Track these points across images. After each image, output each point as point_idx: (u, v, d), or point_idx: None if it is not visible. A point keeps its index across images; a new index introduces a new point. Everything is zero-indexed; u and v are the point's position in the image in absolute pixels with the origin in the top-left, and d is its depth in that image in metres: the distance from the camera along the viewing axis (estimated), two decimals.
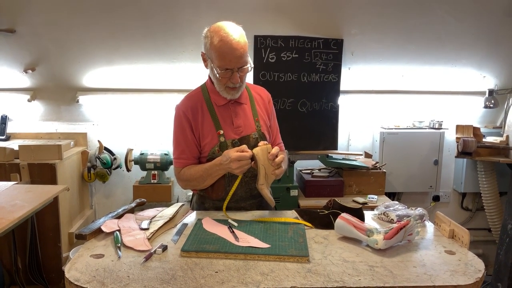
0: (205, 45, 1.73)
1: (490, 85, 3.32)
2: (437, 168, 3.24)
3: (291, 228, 1.64)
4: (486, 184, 3.20)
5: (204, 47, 1.74)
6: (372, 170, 2.99)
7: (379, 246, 1.44)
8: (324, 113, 3.00)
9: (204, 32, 1.74)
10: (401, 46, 3.21)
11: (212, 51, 1.68)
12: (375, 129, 3.30)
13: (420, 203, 3.45)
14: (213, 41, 1.67)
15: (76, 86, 3.15)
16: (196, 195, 1.99)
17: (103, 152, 3.11)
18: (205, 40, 1.73)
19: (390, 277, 1.28)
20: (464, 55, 3.27)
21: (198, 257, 1.41)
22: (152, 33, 3.05)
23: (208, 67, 1.79)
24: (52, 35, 3.03)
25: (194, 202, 2.02)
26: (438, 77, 3.31)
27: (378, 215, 1.82)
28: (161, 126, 3.22)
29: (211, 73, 1.80)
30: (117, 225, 1.65)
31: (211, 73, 1.79)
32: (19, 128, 3.18)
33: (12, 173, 2.60)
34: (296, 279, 1.26)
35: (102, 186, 3.29)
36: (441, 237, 1.60)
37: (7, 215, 1.70)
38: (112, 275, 1.28)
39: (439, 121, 3.25)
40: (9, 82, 3.11)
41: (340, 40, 2.97)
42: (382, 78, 3.28)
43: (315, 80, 2.96)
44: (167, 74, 3.15)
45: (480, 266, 1.35)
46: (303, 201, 2.86)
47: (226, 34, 1.66)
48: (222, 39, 1.65)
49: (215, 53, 1.68)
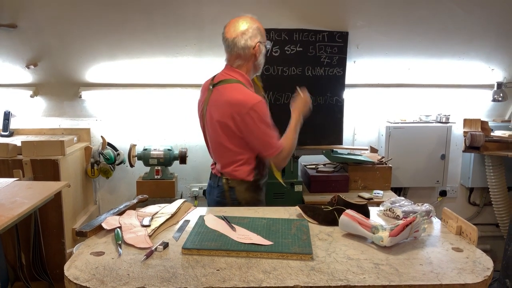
0: (260, 32, 1.99)
1: (499, 78, 3.26)
2: (444, 162, 3.19)
3: (295, 225, 1.62)
4: (494, 179, 3.15)
5: (259, 34, 1.99)
6: (378, 165, 2.95)
7: (385, 243, 1.41)
8: (329, 108, 2.96)
9: (252, 26, 1.96)
10: (408, 38, 3.15)
11: (263, 32, 2.01)
12: (381, 123, 3.25)
13: (426, 198, 3.41)
14: (260, 24, 2.02)
15: (79, 81, 3.13)
16: (246, 183, 2.03)
17: (106, 147, 3.09)
18: (257, 29, 1.98)
19: (396, 275, 1.24)
20: (472, 47, 3.21)
21: (200, 255, 1.39)
22: (154, 27, 3.02)
23: (260, 54, 2.01)
24: (54, 30, 3.01)
25: (236, 193, 2.03)
26: (446, 70, 3.26)
27: (384, 211, 1.79)
28: (164, 121, 3.20)
29: (259, 58, 2.03)
30: (118, 222, 1.63)
31: (260, 58, 2.03)
32: (22, 124, 3.17)
33: (15, 169, 2.58)
34: (299, 277, 1.24)
35: (106, 182, 3.28)
36: (448, 234, 1.57)
37: (6, 212, 1.69)
38: (112, 273, 1.26)
39: (446, 115, 3.20)
40: (12, 77, 3.10)
41: (345, 33, 2.92)
42: (388, 71, 3.23)
43: (320, 74, 2.92)
44: (170, 69, 3.12)
45: (489, 264, 1.32)
46: (308, 196, 2.83)
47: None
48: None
49: (264, 32, 2.02)
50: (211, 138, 2.07)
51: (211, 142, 2.09)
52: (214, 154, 2.11)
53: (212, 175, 2.16)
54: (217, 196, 2.08)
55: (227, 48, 2.01)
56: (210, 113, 2.01)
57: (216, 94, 1.99)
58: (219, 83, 2.00)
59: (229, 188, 2.03)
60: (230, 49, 1.99)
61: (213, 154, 2.12)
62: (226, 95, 1.94)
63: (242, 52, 1.96)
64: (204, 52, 3.08)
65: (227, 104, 1.92)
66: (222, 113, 1.93)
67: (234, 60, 2.00)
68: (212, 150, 2.12)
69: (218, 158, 2.08)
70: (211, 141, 2.08)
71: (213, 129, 2.01)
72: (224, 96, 1.95)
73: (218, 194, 2.07)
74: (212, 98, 2.00)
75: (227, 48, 2.01)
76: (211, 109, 2.00)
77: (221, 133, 1.96)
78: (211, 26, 3.01)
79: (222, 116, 1.93)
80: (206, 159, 3.23)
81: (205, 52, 3.08)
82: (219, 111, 1.95)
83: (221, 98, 1.95)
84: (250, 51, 1.97)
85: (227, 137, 1.96)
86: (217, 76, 2.06)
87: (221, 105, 1.94)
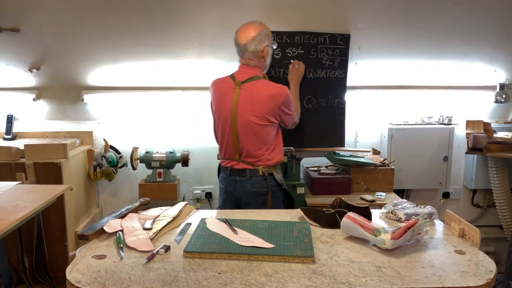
0: (267, 36, 2.30)
1: (501, 79, 3.25)
2: (446, 164, 3.18)
3: (296, 227, 1.61)
4: (497, 181, 3.14)
5: (267, 38, 2.29)
6: (380, 167, 2.94)
7: (387, 246, 1.40)
8: (330, 110, 2.95)
9: (260, 33, 2.25)
10: (409, 40, 3.14)
11: (270, 36, 2.33)
12: (383, 125, 3.24)
13: (429, 200, 3.39)
14: (267, 28, 2.33)
15: (81, 84, 3.14)
16: (279, 166, 2.36)
17: (108, 150, 3.10)
18: (265, 34, 2.28)
19: (398, 278, 1.24)
20: (474, 48, 3.20)
21: (201, 258, 1.39)
22: (156, 30, 3.03)
23: (268, 55, 2.33)
24: (56, 34, 3.02)
25: (275, 177, 2.31)
26: (447, 71, 3.24)
27: (386, 214, 1.78)
28: (166, 124, 3.20)
29: (267, 60, 2.36)
30: (120, 225, 1.63)
31: (268, 59, 2.36)
32: (25, 127, 3.18)
33: (18, 172, 2.60)
34: (300, 280, 1.24)
35: (109, 185, 3.28)
36: (450, 236, 1.56)
37: (8, 216, 1.69)
38: (113, 277, 1.26)
39: (449, 117, 3.19)
40: (14, 81, 3.10)
41: (347, 35, 2.92)
42: (390, 73, 3.22)
43: (321, 76, 2.91)
44: (172, 72, 3.12)
45: (491, 267, 1.31)
46: (310, 199, 2.82)
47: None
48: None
49: (270, 35, 2.35)
50: (243, 132, 2.23)
51: (243, 136, 2.24)
52: (245, 147, 2.26)
53: (235, 170, 2.31)
54: (252, 187, 2.28)
55: (239, 52, 2.30)
56: (243, 109, 2.21)
57: (247, 91, 2.22)
58: (246, 81, 2.24)
59: (268, 175, 2.28)
60: (242, 53, 2.28)
61: (244, 148, 2.26)
62: (260, 90, 2.21)
63: (253, 55, 2.27)
64: (205, 55, 3.08)
65: (266, 98, 2.19)
66: (261, 107, 2.19)
67: (248, 60, 2.29)
68: (243, 144, 2.26)
69: (252, 150, 2.26)
70: (243, 135, 2.24)
71: (247, 123, 2.21)
72: (258, 91, 2.21)
73: (254, 185, 2.28)
74: (243, 95, 2.22)
75: (239, 52, 2.30)
76: (244, 105, 2.21)
77: (260, 125, 2.20)
78: (212, 29, 3.02)
79: (261, 109, 2.19)
80: (208, 161, 3.25)
81: (206, 55, 3.08)
82: (258, 105, 2.19)
83: (256, 94, 2.21)
84: (260, 54, 2.27)
85: (266, 127, 2.22)
86: (237, 76, 2.28)
87: (259, 100, 2.20)
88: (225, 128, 2.28)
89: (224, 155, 2.36)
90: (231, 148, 2.30)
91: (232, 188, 2.34)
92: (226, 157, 2.35)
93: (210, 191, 3.28)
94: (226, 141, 2.31)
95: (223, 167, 2.40)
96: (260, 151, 2.26)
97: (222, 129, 2.31)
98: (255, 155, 2.27)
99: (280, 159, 2.34)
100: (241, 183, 2.30)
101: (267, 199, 2.29)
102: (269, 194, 2.28)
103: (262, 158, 2.27)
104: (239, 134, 2.24)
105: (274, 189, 2.31)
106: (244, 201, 2.32)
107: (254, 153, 2.26)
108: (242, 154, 2.29)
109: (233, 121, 2.24)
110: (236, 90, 2.24)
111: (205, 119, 3.16)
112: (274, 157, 2.30)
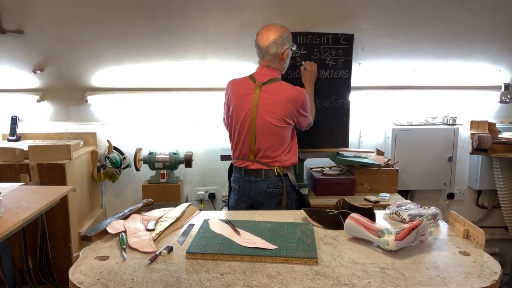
0: (288, 39, 2.32)
1: (506, 79, 3.23)
2: (451, 165, 3.16)
3: (300, 228, 1.61)
4: (503, 181, 3.12)
5: (288, 41, 2.32)
6: (384, 167, 2.93)
7: (390, 247, 1.39)
8: (334, 110, 2.94)
9: (282, 35, 2.28)
10: (413, 40, 3.13)
11: (290, 38, 2.35)
12: (387, 125, 3.23)
13: (434, 201, 3.37)
14: (288, 31, 2.34)
15: (85, 86, 3.15)
16: (293, 167, 2.41)
17: (112, 151, 3.11)
18: (287, 37, 2.31)
19: (402, 279, 1.23)
20: (478, 48, 3.18)
21: (204, 259, 1.38)
22: (159, 32, 3.03)
23: (288, 57, 2.36)
24: (60, 36, 3.03)
25: (289, 178, 2.33)
26: (452, 71, 3.23)
27: (390, 215, 1.77)
28: (169, 125, 3.20)
29: (287, 62, 2.39)
30: (123, 226, 1.63)
31: (287, 61, 2.39)
32: (29, 128, 3.19)
33: (22, 173, 2.60)
34: (303, 282, 1.23)
35: (112, 186, 3.29)
36: (455, 238, 1.55)
37: (12, 217, 1.69)
38: (116, 278, 1.26)
39: (453, 117, 3.17)
40: (19, 83, 3.12)
41: (351, 35, 2.91)
42: (394, 73, 3.21)
43: (325, 76, 2.90)
44: (175, 73, 3.13)
45: (496, 268, 1.30)
46: (314, 200, 2.81)
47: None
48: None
49: (291, 37, 2.36)
50: (262, 133, 2.25)
51: (261, 137, 2.26)
52: (262, 148, 2.27)
53: (250, 170, 2.32)
54: (267, 187, 2.28)
55: (259, 54, 2.33)
56: (263, 110, 2.23)
57: (268, 93, 2.25)
58: (266, 83, 2.27)
59: (283, 175, 2.29)
60: (263, 55, 2.31)
61: (261, 148, 2.28)
62: (280, 92, 2.24)
63: (273, 57, 2.29)
64: (208, 55, 3.08)
65: (286, 100, 2.23)
66: (280, 108, 2.22)
67: (268, 62, 2.31)
68: (260, 145, 2.28)
69: (269, 151, 2.27)
70: (262, 136, 2.26)
71: (266, 125, 2.23)
72: (278, 93, 2.24)
73: (269, 185, 2.28)
74: (263, 96, 2.25)
75: (260, 54, 2.32)
76: (264, 107, 2.24)
77: (278, 126, 2.23)
78: (215, 30, 3.02)
79: (280, 111, 2.22)
80: (211, 162, 3.25)
81: (209, 56, 3.08)
82: (277, 107, 2.22)
83: (276, 96, 2.24)
84: (280, 57, 2.30)
85: (283, 129, 2.25)
86: (257, 77, 2.30)
87: (279, 102, 2.23)
88: (243, 129, 2.28)
89: (239, 156, 2.35)
90: (247, 149, 2.30)
91: (246, 188, 2.33)
92: (241, 157, 2.34)
93: (213, 192, 3.27)
94: (242, 142, 2.30)
95: (236, 167, 2.39)
96: (277, 152, 2.28)
97: (239, 129, 2.30)
98: (272, 156, 2.28)
99: (294, 160, 2.37)
100: (256, 183, 2.30)
101: (281, 199, 2.29)
102: (284, 194, 2.29)
103: (279, 159, 2.29)
104: (257, 135, 2.25)
105: (289, 189, 2.32)
106: (259, 201, 2.31)
107: (271, 154, 2.28)
108: (257, 155, 2.29)
109: (252, 122, 2.25)
110: (256, 92, 2.25)
111: (208, 120, 3.17)
112: (290, 158, 2.33)
